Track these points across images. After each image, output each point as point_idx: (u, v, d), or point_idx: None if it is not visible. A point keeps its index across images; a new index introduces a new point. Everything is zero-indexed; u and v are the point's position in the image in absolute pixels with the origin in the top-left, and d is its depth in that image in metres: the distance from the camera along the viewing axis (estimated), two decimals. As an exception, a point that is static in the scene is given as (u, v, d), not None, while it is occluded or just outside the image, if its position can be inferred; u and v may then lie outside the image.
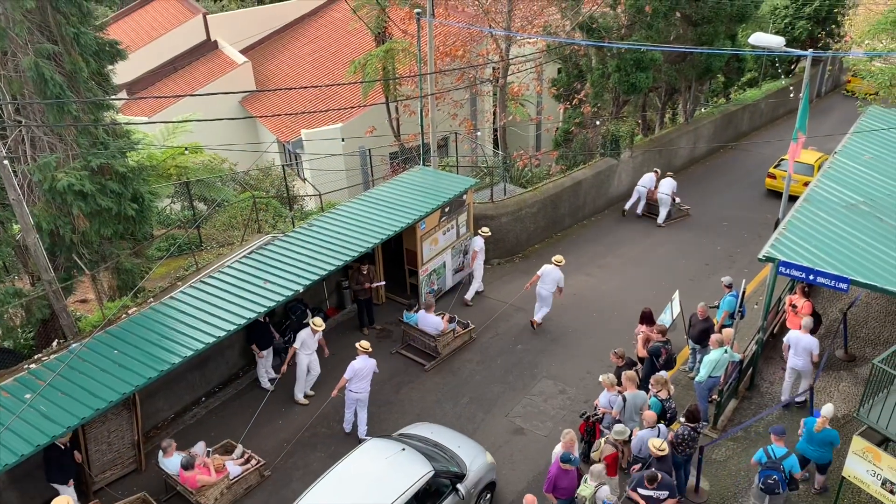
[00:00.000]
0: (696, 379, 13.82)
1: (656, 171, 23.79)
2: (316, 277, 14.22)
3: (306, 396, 15.02)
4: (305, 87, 23.77)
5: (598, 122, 24.40)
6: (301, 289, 13.91)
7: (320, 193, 20.58)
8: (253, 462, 12.83)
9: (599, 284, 19.50)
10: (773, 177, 24.90)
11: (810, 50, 18.29)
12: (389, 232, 15.83)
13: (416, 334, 16.25)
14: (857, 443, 10.84)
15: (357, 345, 13.75)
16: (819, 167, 21.43)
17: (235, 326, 12.90)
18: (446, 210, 17.62)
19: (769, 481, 11.15)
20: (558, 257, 17.15)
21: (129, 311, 14.21)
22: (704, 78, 27.82)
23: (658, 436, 11.67)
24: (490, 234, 18.70)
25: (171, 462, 12.19)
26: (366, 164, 25.09)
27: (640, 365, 14.26)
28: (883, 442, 11.02)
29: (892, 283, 12.41)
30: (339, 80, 28.71)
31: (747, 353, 14.71)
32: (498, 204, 20.84)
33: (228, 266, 14.81)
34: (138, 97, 30.56)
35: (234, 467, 12.53)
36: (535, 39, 26.17)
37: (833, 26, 34.59)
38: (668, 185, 22.77)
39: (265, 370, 15.23)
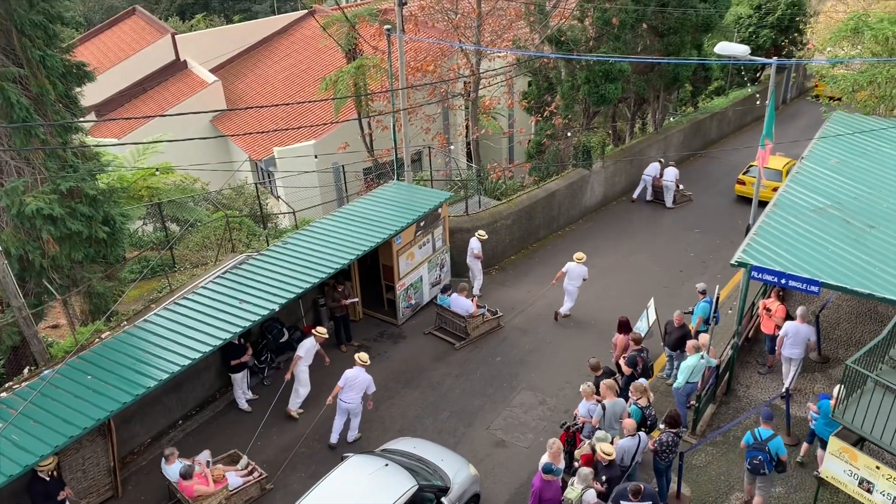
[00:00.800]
0: (675, 385, 13.92)
1: (661, 161, 25.56)
2: (291, 296, 14.13)
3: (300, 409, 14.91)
4: (277, 105, 23.72)
5: (569, 134, 24.61)
6: (277, 307, 13.82)
7: (294, 211, 20.50)
8: (255, 474, 12.81)
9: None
10: (743, 183, 25.25)
11: (775, 58, 18.65)
12: (365, 248, 15.79)
13: (448, 316, 17.33)
14: (834, 443, 10.96)
15: (356, 356, 13.92)
16: (787, 172, 21.79)
17: (211, 348, 12.76)
18: (422, 224, 17.63)
19: (755, 462, 11.70)
20: (580, 255, 18.06)
21: (102, 336, 14.01)
22: (672, 87, 28.21)
23: (639, 444, 11.73)
24: (486, 237, 19.29)
25: (171, 470, 12.24)
26: (339, 180, 25.07)
27: (619, 374, 14.33)
28: (858, 442, 11.16)
29: (862, 285, 12.63)
30: (310, 98, 28.69)
31: (723, 359, 14.86)
32: (473, 217, 20.90)
33: (203, 287, 14.67)
34: (107, 119, 30.28)
35: (235, 478, 12.52)
36: (504, 53, 26.39)
37: (795, 34, 35.29)
38: (671, 173, 24.82)
39: (242, 391, 15.06)
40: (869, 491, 10.63)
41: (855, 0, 29.49)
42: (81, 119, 15.65)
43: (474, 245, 18.75)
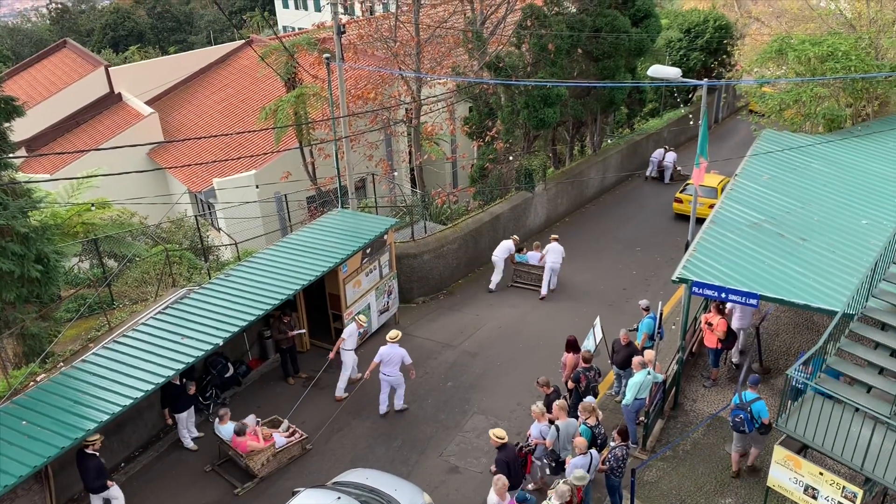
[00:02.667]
0: (623, 402, 14.07)
1: (665, 147, 30.36)
2: (235, 329, 13.84)
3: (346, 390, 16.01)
4: (216, 136, 23.41)
5: (511, 158, 24.92)
6: (220, 342, 13.51)
7: (236, 242, 20.19)
8: (297, 435, 14.30)
9: (524, 315, 19.71)
10: (680, 201, 25.92)
11: (705, 79, 19.26)
12: (310, 277, 15.60)
13: (524, 270, 21.05)
14: (779, 452, 11.21)
15: (387, 336, 15.16)
16: (722, 189, 22.44)
17: (153, 386, 12.39)
18: (368, 251, 17.53)
19: (736, 420, 12.83)
20: (555, 235, 21.30)
21: (38, 379, 13.48)
22: (609, 110, 28.90)
23: (591, 462, 11.79)
24: (518, 239, 21.74)
25: (225, 429, 13.85)
26: (282, 209, 24.81)
27: (566, 393, 14.42)
28: (802, 449, 11.44)
29: (798, 296, 13.03)
30: (249, 127, 28.44)
31: (669, 373, 15.10)
32: (419, 242, 20.91)
33: (143, 323, 14.27)
34: (39, 154, 29.44)
35: (280, 438, 14.04)
36: (444, 80, 26.66)
37: (724, 56, 36.64)
38: (671, 157, 29.87)
39: (186, 430, 14.63)
40: (814, 497, 10.88)
41: (778, 23, 30.79)
42: (11, 155, 15.15)
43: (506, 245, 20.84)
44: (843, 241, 14.66)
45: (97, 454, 12.23)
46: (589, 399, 13.29)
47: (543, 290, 20.53)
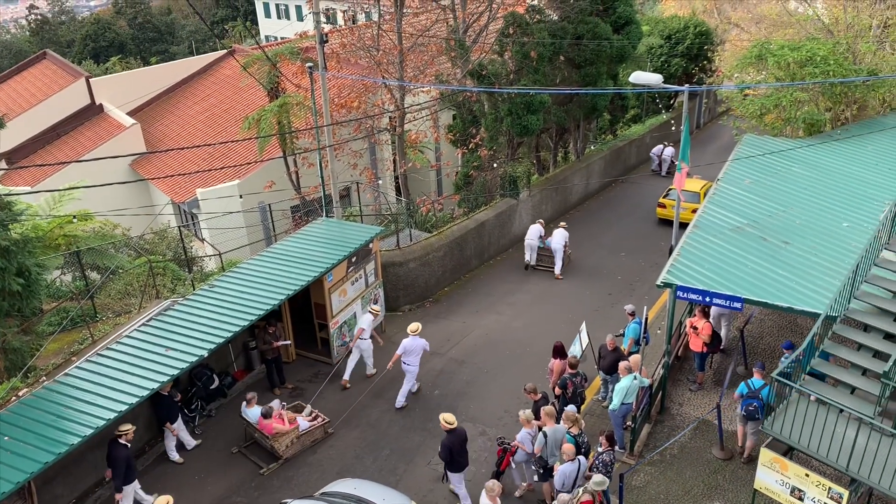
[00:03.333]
0: (610, 407, 14.10)
1: (665, 143, 32.10)
2: (220, 340, 13.74)
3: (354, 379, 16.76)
4: (198, 146, 23.29)
5: (495, 165, 24.98)
6: (205, 353, 13.40)
7: (220, 253, 20.06)
8: (319, 419, 14.95)
9: (510, 322, 19.73)
10: (663, 206, 26.07)
11: (686, 85, 19.41)
12: (295, 287, 15.53)
13: (543, 253, 22.91)
14: (765, 455, 11.27)
15: (408, 328, 15.90)
16: (705, 194, 22.61)
17: (138, 399, 12.26)
18: (353, 260, 17.48)
19: (750, 408, 13.27)
20: (564, 224, 23.16)
21: (20, 393, 13.28)
22: (591, 117, 29.06)
23: (579, 468, 11.80)
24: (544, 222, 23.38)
25: (252, 412, 14.53)
26: (266, 219, 24.70)
27: (554, 399, 14.43)
28: (788, 451, 11.50)
29: (781, 299, 13.14)
30: (233, 137, 28.34)
31: (656, 378, 15.16)
32: (405, 250, 20.88)
33: (126, 336, 14.13)
34: (19, 167, 29.20)
35: (303, 422, 14.73)
36: (428, 88, 26.71)
37: (705, 62, 36.95)
38: (669, 152, 31.58)
39: (173, 444, 14.50)
40: (801, 499, 10.94)
41: (757, 29, 31.15)
42: (-9, 167, 14.99)
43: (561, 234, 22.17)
44: (824, 243, 14.81)
45: (128, 445, 12.60)
46: (571, 408, 13.31)
47: (557, 270, 22.44)
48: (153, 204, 30.77)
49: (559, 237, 22.42)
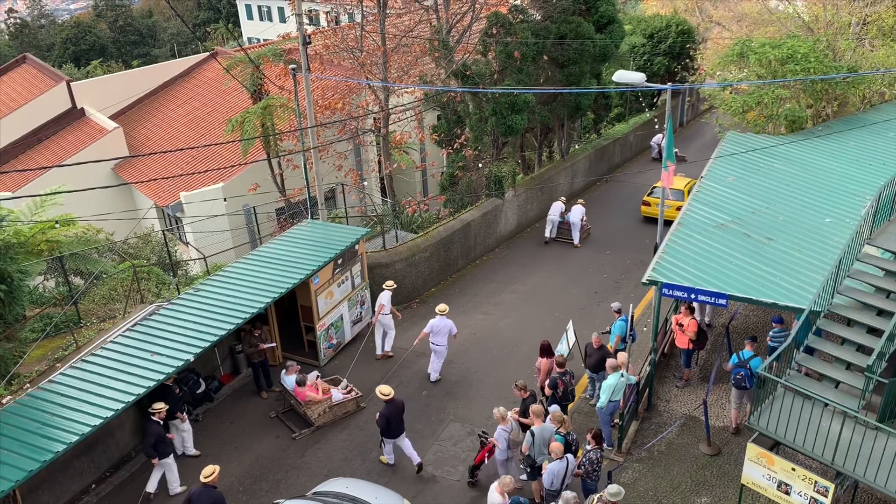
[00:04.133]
0: (598, 405, 14.14)
1: (664, 133, 31.29)
2: (206, 344, 13.68)
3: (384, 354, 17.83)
4: (182, 149, 23.15)
5: (480, 165, 25.01)
6: (191, 358, 13.33)
7: (205, 256, 19.95)
8: (353, 393, 15.81)
9: (497, 321, 19.75)
10: (648, 204, 26.19)
11: (669, 83, 19.52)
12: (281, 290, 15.47)
13: (564, 227, 24.81)
14: (752, 450, 11.35)
15: (437, 308, 16.61)
16: (689, 192, 22.74)
17: (123, 405, 12.18)
18: (339, 262, 17.44)
19: (737, 377, 14.02)
20: (581, 201, 25.36)
21: (3, 401, 13.15)
22: (575, 116, 29.13)
23: (567, 466, 11.82)
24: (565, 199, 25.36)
25: (289, 379, 15.48)
26: (251, 222, 24.59)
27: (542, 397, 14.46)
28: (774, 446, 11.59)
29: (766, 295, 13.24)
30: (216, 140, 28.19)
31: (642, 375, 15.23)
32: (391, 251, 20.85)
33: (111, 341, 14.03)
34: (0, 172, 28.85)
35: (337, 394, 15.56)
36: (412, 89, 26.69)
37: (687, 60, 37.16)
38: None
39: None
40: (787, 493, 11.03)
41: (738, 27, 31.35)
42: (-30, 173, 14.83)
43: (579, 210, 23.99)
44: (807, 239, 14.94)
45: (161, 422, 13.18)
46: (555, 408, 13.34)
47: (575, 240, 24.59)
48: (137, 208, 30.54)
49: (577, 212, 24.64)
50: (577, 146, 31.34)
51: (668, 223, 17.60)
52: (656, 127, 33.99)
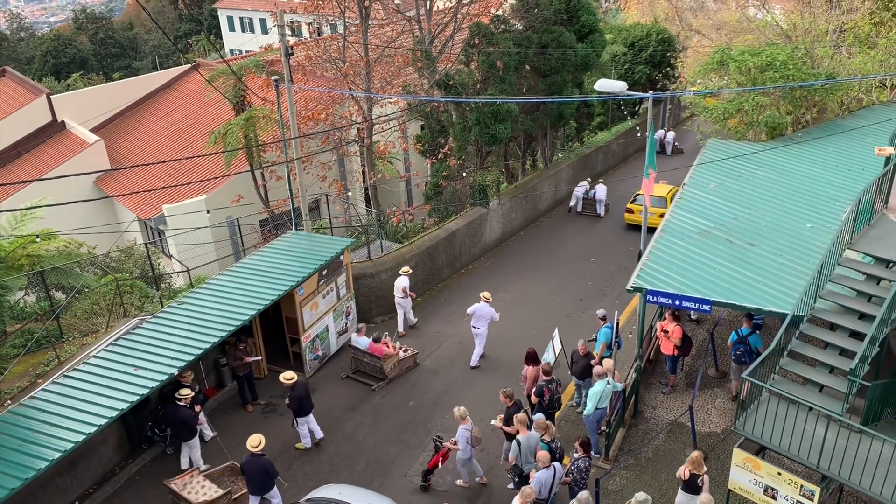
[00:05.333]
0: (585, 413, 14.15)
1: (665, 128, 36.07)
2: (190, 358, 13.57)
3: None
4: (164, 162, 23.03)
5: (464, 174, 25.05)
6: (176, 371, 13.22)
7: (188, 269, 19.82)
8: (410, 351, 17.99)
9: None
10: (631, 211, 26.33)
11: (651, 92, 19.66)
12: (265, 302, 15.39)
13: (589, 203, 28.03)
14: (738, 455, 11.39)
15: (480, 294, 17.84)
16: (671, 199, 22.89)
17: (107, 420, 12.05)
18: (324, 273, 17.38)
19: (737, 353, 14.86)
20: (602, 181, 28.76)
21: (-17, 418, 12.95)
22: (558, 125, 29.28)
23: (555, 474, 11.81)
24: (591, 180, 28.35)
25: (362, 340, 17.37)
26: (235, 234, 24.48)
27: (527, 406, 14.45)
28: (760, 451, 11.64)
29: (749, 300, 13.33)
30: (199, 152, 28.07)
31: (628, 382, 15.26)
32: (376, 262, 20.81)
33: (94, 356, 13.90)
34: (-21, 186, 28.50)
35: (400, 353, 17.71)
36: (395, 99, 26.71)
37: (668, 69, 37.48)
38: (671, 135, 35.89)
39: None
40: (774, 497, 11.07)
41: (718, 35, 31.66)
42: (-51, 188, 14.66)
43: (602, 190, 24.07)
44: (789, 244, 15.06)
45: (187, 406, 13.96)
46: (540, 416, 13.36)
47: (601, 212, 27.80)
48: (119, 221, 30.31)
49: (602, 191, 27.92)
50: (560, 155, 31.49)
51: (651, 230, 17.69)
52: (638, 135, 34.22)
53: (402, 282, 19.38)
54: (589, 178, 29.33)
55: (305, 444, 15.06)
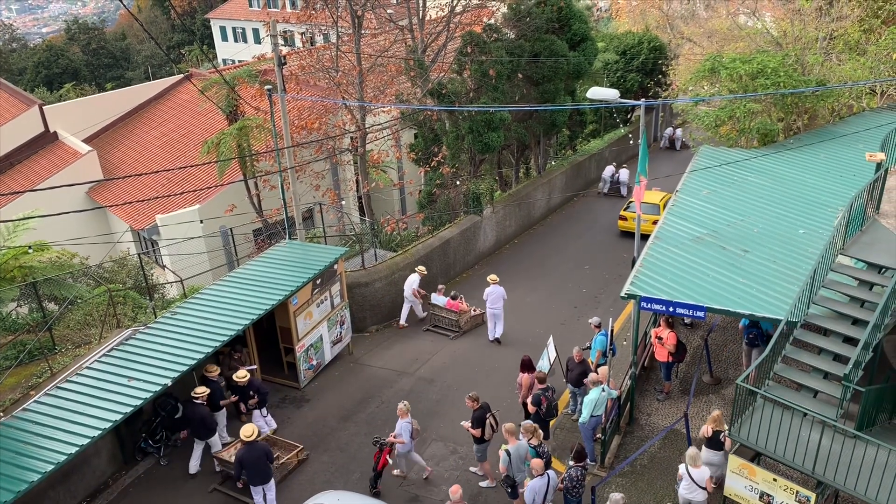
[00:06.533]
0: (580, 420, 14.14)
1: (673, 126, 38.03)
2: (184, 368, 13.50)
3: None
4: (157, 172, 22.97)
5: (458, 182, 25.08)
6: (169, 382, 13.15)
7: (182, 279, 19.76)
8: (478, 310, 20.37)
9: (477, 338, 19.71)
10: (625, 218, 26.39)
11: (643, 99, 19.75)
12: (259, 311, 15.34)
13: (614, 186, 31.49)
14: (733, 461, 11.39)
15: (488, 278, 19.23)
16: (664, 206, 22.95)
17: (100, 432, 11.96)
18: (318, 282, 17.35)
19: (750, 336, 15.47)
20: (625, 165, 31.31)
21: (-25, 431, 12.86)
22: (551, 132, 29.38)
23: (548, 483, 11.79)
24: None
25: (441, 298, 20.16)
26: (228, 243, 24.43)
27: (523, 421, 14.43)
28: (755, 457, 11.64)
29: (743, 306, 13.35)
30: (192, 162, 28.04)
31: (623, 389, 15.26)
32: (370, 270, 20.79)
33: (87, 367, 13.82)
34: (-29, 197, 28.41)
35: (472, 311, 20.30)
36: (388, 108, 26.76)
37: (660, 76, 37.67)
38: (679, 132, 37.76)
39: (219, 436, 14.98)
40: (769, 503, 11.06)
41: (709, 43, 31.83)
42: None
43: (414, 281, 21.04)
44: (782, 250, 15.11)
45: (204, 403, 14.27)
46: (528, 421, 13.36)
47: (625, 193, 30.64)
48: (112, 231, 30.23)
49: (625, 174, 30.88)
50: (553, 162, 31.59)
51: (644, 237, 17.73)
52: (630, 143, 34.34)
53: (413, 280, 20.24)
54: (615, 163, 32.04)
55: None
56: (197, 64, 67.08)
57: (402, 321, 20.62)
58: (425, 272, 20.54)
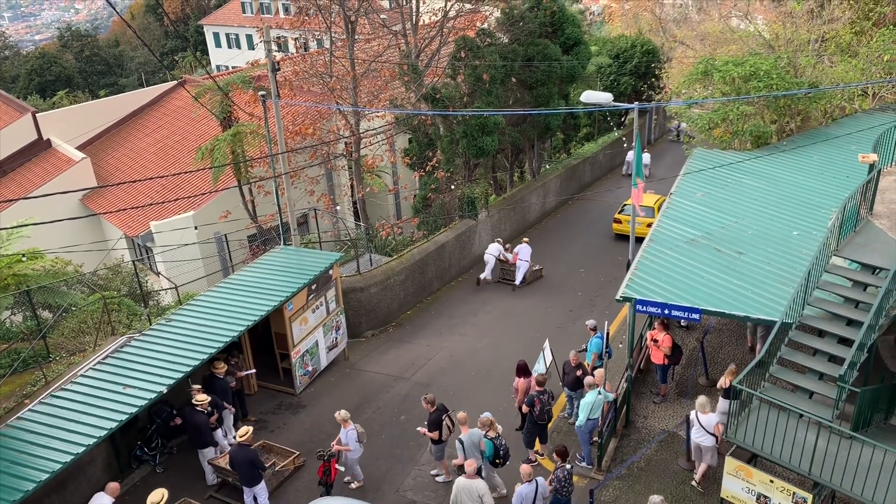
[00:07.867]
0: (577, 423, 14.13)
1: (679, 121, 38.56)
2: (179, 375, 13.46)
3: None
4: (151, 179, 22.94)
5: (453, 187, 25.09)
6: (164, 389, 13.11)
7: (176, 286, 19.70)
8: (539, 266, 23.77)
9: (474, 342, 19.71)
10: (619, 221, 26.43)
11: (636, 102, 19.78)
12: (254, 317, 15.31)
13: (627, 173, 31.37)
14: (730, 463, 11.40)
15: (522, 239, 23.00)
16: (659, 208, 22.99)
17: (95, 440, 11.92)
18: (313, 288, 17.32)
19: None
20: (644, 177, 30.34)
21: (-31, 440, 12.79)
22: (545, 136, 29.42)
23: (536, 489, 11.76)
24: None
25: (508, 255, 23.39)
26: (223, 249, 24.37)
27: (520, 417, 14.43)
28: (752, 459, 11.65)
29: (738, 308, 13.38)
30: (186, 168, 27.99)
31: (620, 392, 15.26)
32: (365, 275, 20.77)
33: (82, 375, 13.76)
34: (-36, 205, 28.29)
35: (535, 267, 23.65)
36: (383, 113, 26.77)
37: (653, 79, 37.78)
38: (684, 125, 35.54)
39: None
40: (767, 505, 11.07)
41: (702, 46, 31.93)
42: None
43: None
44: (776, 252, 15.15)
45: (204, 411, 14.03)
46: (487, 413, 13.38)
47: (646, 174, 29.06)
48: (106, 239, 30.15)
49: (647, 158, 29.95)
50: (547, 166, 31.61)
51: (639, 240, 17.75)
52: (625, 146, 34.42)
53: (496, 248, 23.50)
54: (631, 148, 32.07)
55: None
56: (191, 70, 67.05)
57: (487, 275, 23.50)
58: (528, 240, 23.80)
